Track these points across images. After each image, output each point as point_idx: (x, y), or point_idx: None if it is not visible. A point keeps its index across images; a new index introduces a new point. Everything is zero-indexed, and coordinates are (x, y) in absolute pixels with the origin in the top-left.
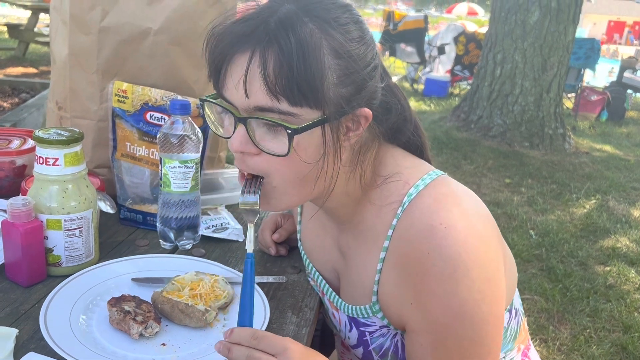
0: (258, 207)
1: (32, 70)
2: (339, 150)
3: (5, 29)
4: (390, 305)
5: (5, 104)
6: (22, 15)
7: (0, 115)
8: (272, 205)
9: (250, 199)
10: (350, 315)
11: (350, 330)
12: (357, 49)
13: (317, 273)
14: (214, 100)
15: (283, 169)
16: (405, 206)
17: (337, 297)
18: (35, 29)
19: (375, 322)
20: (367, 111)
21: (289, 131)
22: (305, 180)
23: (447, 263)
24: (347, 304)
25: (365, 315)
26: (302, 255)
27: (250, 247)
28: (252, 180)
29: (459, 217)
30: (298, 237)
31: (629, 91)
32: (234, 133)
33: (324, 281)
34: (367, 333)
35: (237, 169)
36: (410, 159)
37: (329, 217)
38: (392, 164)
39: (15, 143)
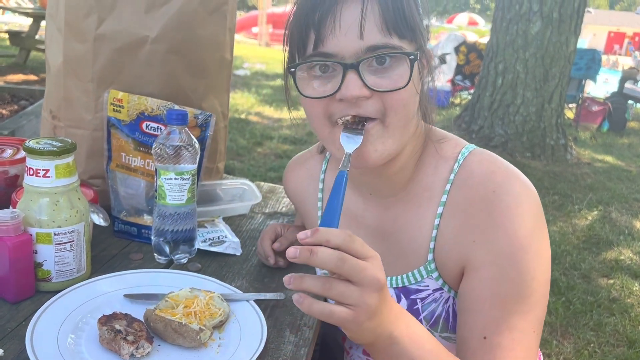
0: (362, 135)
1: (32, 77)
2: (422, 85)
3: (6, 36)
4: (449, 254)
5: (4, 112)
6: (23, 23)
7: None
8: (379, 153)
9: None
10: (400, 285)
11: None
12: None
13: None
14: (315, 59)
15: (397, 104)
16: (460, 162)
17: None
18: (37, 37)
19: (428, 286)
20: (430, 51)
21: (412, 57)
22: (411, 118)
23: (514, 198)
24: (393, 277)
25: (418, 279)
26: None
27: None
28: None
29: (515, 168)
30: None
31: (630, 102)
32: (342, 83)
33: None
34: (418, 301)
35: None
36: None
37: (379, 195)
38: (437, 130)
39: (8, 152)
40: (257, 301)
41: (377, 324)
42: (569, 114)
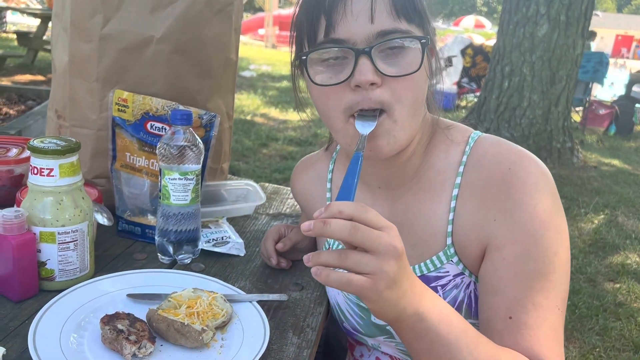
0: (375, 122)
1: (40, 77)
2: (431, 71)
3: (14, 36)
4: (469, 236)
5: (11, 111)
6: (31, 23)
7: (6, 122)
8: (391, 145)
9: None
10: (418, 275)
11: None
12: None
13: None
14: (328, 45)
15: (406, 92)
16: (471, 145)
17: None
18: (44, 37)
19: (448, 272)
20: (435, 38)
21: (423, 41)
22: (419, 108)
23: (530, 174)
24: (411, 267)
25: (438, 265)
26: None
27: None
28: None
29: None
30: None
31: (638, 105)
32: (355, 69)
33: None
34: (439, 288)
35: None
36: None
37: (388, 187)
38: (443, 119)
39: (14, 151)
40: (260, 302)
41: (398, 296)
42: (576, 117)
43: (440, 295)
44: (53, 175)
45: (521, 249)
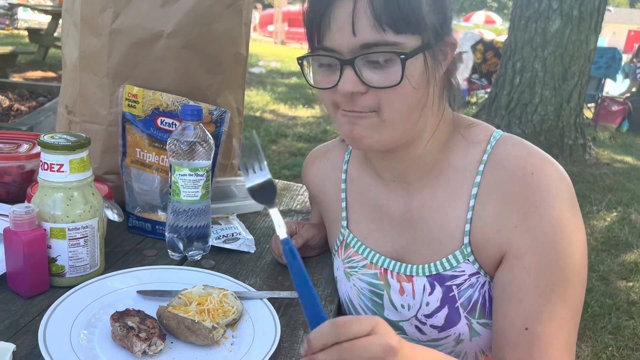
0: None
1: (51, 74)
2: (437, 78)
3: (26, 33)
4: (488, 238)
5: (23, 107)
6: (43, 20)
7: (18, 118)
8: (373, 139)
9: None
10: (434, 273)
11: (431, 293)
12: None
13: (376, 255)
14: (317, 53)
15: (394, 100)
16: (493, 144)
17: (408, 265)
18: (55, 34)
19: (464, 271)
20: (453, 39)
21: (402, 56)
22: (413, 111)
23: (552, 181)
24: (425, 265)
25: (454, 264)
26: (351, 243)
27: (282, 231)
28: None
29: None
30: (344, 225)
31: None
32: (340, 78)
33: (387, 259)
34: (454, 287)
35: None
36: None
37: (403, 181)
38: (465, 117)
39: (25, 147)
40: (270, 299)
41: None
42: (588, 113)
43: (455, 294)
44: (63, 171)
45: (541, 259)
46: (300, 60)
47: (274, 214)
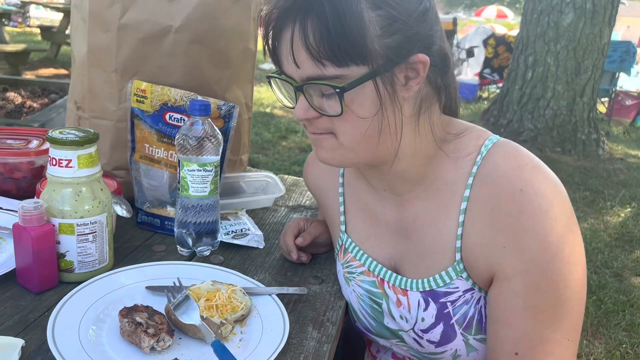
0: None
1: (63, 71)
2: (397, 102)
3: (38, 31)
4: (478, 257)
5: (35, 104)
6: (54, 18)
7: (30, 115)
8: (337, 160)
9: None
10: (427, 289)
11: (425, 309)
12: None
13: (373, 262)
14: (276, 75)
15: (345, 127)
16: (484, 154)
17: (403, 278)
18: (67, 31)
19: (458, 288)
20: (423, 57)
21: (337, 90)
22: (369, 137)
23: (543, 199)
24: (419, 280)
25: (447, 281)
26: (349, 248)
27: (210, 337)
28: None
29: (542, 162)
30: (343, 230)
31: None
32: (297, 102)
33: (384, 268)
34: (448, 304)
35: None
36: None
37: (393, 192)
38: (458, 123)
39: (35, 143)
40: (279, 295)
41: None
42: (601, 108)
43: (450, 311)
44: (71, 167)
45: (531, 281)
46: (268, 78)
47: (202, 327)
